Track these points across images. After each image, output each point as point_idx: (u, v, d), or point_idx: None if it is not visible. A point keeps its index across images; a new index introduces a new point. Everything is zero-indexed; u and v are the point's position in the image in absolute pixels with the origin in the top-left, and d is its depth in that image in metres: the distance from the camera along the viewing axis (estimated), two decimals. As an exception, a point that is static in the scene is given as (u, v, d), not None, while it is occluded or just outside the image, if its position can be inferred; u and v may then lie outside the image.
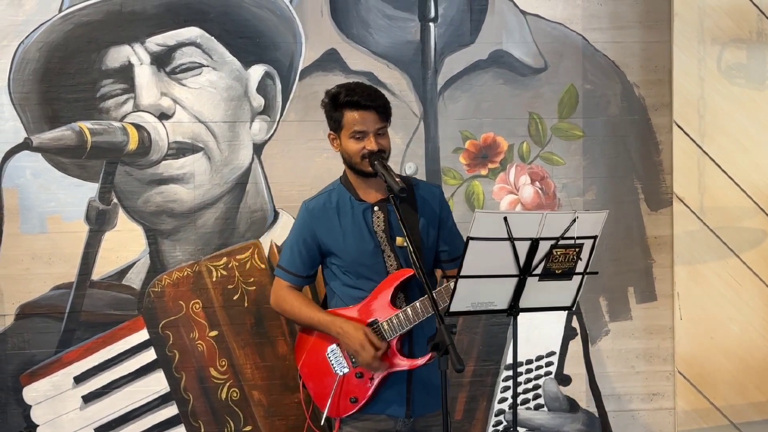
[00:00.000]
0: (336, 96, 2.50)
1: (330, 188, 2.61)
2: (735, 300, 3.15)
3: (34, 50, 2.90)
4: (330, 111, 2.51)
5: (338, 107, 2.48)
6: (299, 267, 2.60)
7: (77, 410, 2.98)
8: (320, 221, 2.55)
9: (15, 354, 2.95)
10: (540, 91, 3.28)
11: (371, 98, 2.47)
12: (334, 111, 2.50)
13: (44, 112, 2.96)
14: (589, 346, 3.32)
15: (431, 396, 2.56)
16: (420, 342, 2.55)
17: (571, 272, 2.40)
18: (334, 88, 2.56)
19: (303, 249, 2.58)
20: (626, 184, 3.34)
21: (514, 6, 3.22)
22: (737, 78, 3.13)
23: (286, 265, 2.62)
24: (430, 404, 2.58)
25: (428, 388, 2.60)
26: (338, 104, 2.48)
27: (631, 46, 3.32)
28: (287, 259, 2.62)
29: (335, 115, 2.50)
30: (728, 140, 3.15)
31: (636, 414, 3.34)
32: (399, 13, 3.16)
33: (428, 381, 2.58)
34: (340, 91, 2.50)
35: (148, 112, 3.02)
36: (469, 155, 3.23)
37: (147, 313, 3.01)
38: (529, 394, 3.30)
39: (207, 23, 3.02)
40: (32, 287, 2.96)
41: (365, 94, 2.49)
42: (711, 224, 3.13)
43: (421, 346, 2.53)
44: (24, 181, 2.94)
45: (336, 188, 2.59)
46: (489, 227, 2.27)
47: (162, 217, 3.03)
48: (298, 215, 2.63)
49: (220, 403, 3.05)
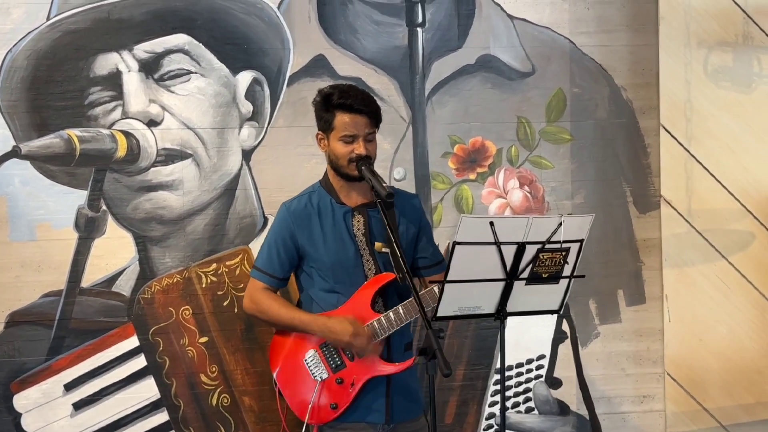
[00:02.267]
0: (329, 96, 2.46)
1: (310, 190, 2.59)
2: (723, 302, 3.14)
3: (22, 58, 2.88)
4: (321, 111, 2.48)
5: (330, 108, 2.44)
6: (276, 268, 2.56)
7: (68, 417, 2.94)
8: (300, 223, 2.55)
9: (5, 362, 2.92)
10: (528, 95, 3.24)
11: (364, 103, 2.45)
12: (326, 111, 2.45)
13: (32, 119, 2.92)
14: (579, 349, 3.28)
15: (411, 402, 2.58)
16: (398, 347, 2.55)
17: (558, 276, 2.38)
18: (327, 87, 2.54)
19: (282, 250, 2.55)
20: (614, 187, 3.32)
21: (501, 11, 3.19)
22: (723, 81, 3.12)
23: (263, 266, 2.58)
24: (409, 410, 2.58)
25: (407, 393, 2.59)
26: (330, 105, 2.44)
27: (618, 49, 3.29)
28: (264, 259, 2.59)
29: (326, 116, 2.46)
30: (715, 143, 3.15)
31: (626, 416, 3.33)
32: (386, 19, 3.13)
33: (407, 386, 2.58)
34: (333, 92, 2.47)
35: (137, 119, 2.95)
36: (458, 159, 3.19)
37: (137, 320, 2.97)
38: (519, 398, 3.26)
39: (195, 30, 2.98)
40: (22, 295, 2.92)
41: (359, 98, 2.47)
42: (699, 227, 3.11)
43: (399, 352, 2.54)
44: (13, 189, 2.91)
45: (316, 190, 2.57)
46: (475, 232, 2.25)
47: (151, 223, 2.98)
48: (277, 216, 2.61)
49: (211, 409, 3.02)
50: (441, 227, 3.20)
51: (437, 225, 3.23)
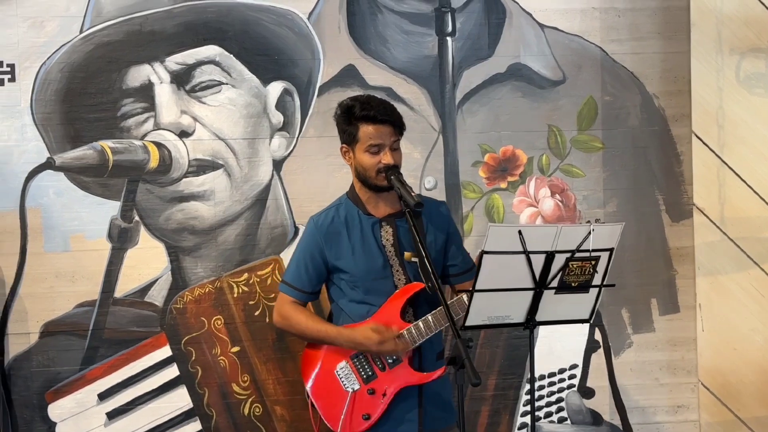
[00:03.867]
0: (350, 109, 2.44)
1: (337, 203, 2.59)
2: (758, 311, 3.09)
3: (56, 71, 2.89)
4: (343, 124, 2.47)
5: (353, 120, 2.43)
6: (305, 283, 2.56)
7: (102, 427, 2.94)
8: (328, 237, 2.54)
9: (40, 372, 2.93)
10: (559, 104, 3.20)
11: (387, 112, 2.44)
12: (348, 124, 2.44)
13: (66, 131, 2.93)
14: (612, 358, 3.25)
15: (443, 411, 2.55)
16: (429, 357, 2.52)
17: (587, 285, 2.33)
18: (346, 100, 2.52)
19: (310, 264, 2.55)
20: (647, 196, 3.28)
21: (531, 19, 3.17)
22: (756, 88, 3.07)
23: (291, 281, 2.57)
24: (443, 420, 2.54)
25: (440, 403, 2.56)
26: (353, 117, 2.43)
27: (650, 57, 3.25)
28: (292, 274, 2.58)
29: (349, 129, 2.45)
30: (748, 150, 3.10)
31: (660, 427, 3.29)
32: (416, 28, 3.11)
33: (439, 396, 2.55)
34: (354, 105, 2.45)
35: (169, 130, 2.97)
36: (489, 168, 3.17)
37: (169, 330, 3.00)
38: (552, 407, 3.24)
39: (226, 41, 2.99)
40: (56, 305, 2.93)
41: (381, 108, 2.45)
42: (732, 235, 3.07)
43: (430, 361, 2.51)
44: (47, 200, 2.92)
45: (343, 203, 2.57)
46: (503, 241, 2.22)
47: (183, 234, 3.00)
48: (305, 231, 2.59)
49: (243, 418, 3.02)
50: (472, 236, 3.18)
51: (468, 234, 3.21)
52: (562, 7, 3.23)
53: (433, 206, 2.57)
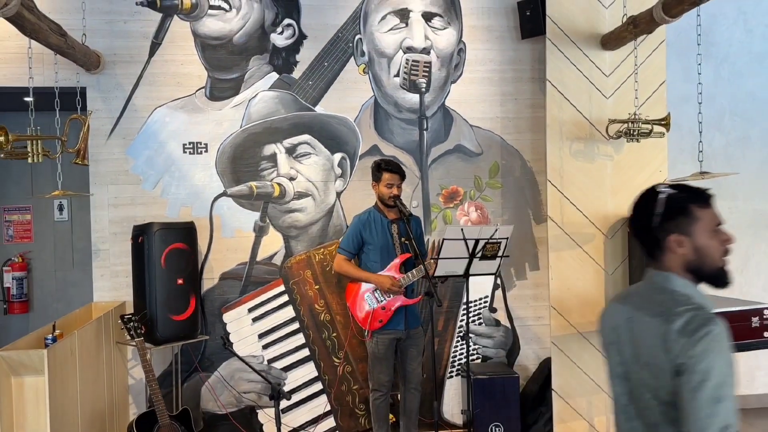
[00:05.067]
0: (379, 164, 3.33)
1: (369, 210, 3.39)
2: (579, 269, 3.74)
3: (228, 147, 3.88)
4: (375, 171, 3.34)
5: (380, 170, 3.30)
6: (352, 248, 3.36)
7: (249, 326, 3.88)
8: (364, 226, 3.34)
9: (219, 297, 3.88)
10: (479, 165, 4.08)
11: (397, 168, 3.31)
12: (377, 171, 3.31)
13: (233, 177, 3.88)
14: (506, 292, 4.09)
15: (415, 319, 3.38)
16: (411, 292, 3.35)
17: (495, 256, 3.10)
18: (378, 159, 3.40)
19: (354, 239, 3.34)
20: (523, 211, 4.13)
21: (466, 122, 4.08)
22: (579, 157, 3.74)
23: (345, 246, 3.37)
24: (414, 322, 3.37)
25: (414, 315, 3.37)
26: (380, 169, 3.30)
27: (526, 141, 4.16)
28: (346, 243, 3.36)
29: (378, 174, 3.30)
30: (575, 188, 3.71)
31: (529, 327, 4.15)
32: (409, 126, 4.02)
33: (414, 311, 3.36)
34: (381, 162, 3.33)
35: (284, 177, 3.90)
36: (444, 197, 4.06)
37: (284, 277, 3.89)
38: (475, 317, 4.05)
39: (313, 132, 3.92)
40: (227, 264, 3.89)
41: (395, 165, 3.33)
42: (566, 231, 3.73)
43: (411, 294, 3.36)
44: (223, 211, 3.90)
45: (372, 211, 3.38)
46: (454, 234, 3.02)
47: (291, 229, 3.92)
48: (353, 221, 3.40)
49: (320, 321, 3.91)
50: (436, 232, 4.04)
51: (433, 230, 4.02)
52: (481, 116, 4.08)
53: (415, 218, 3.47)
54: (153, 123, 3.86)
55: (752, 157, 4.54)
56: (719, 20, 4.39)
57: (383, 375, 3.35)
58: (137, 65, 3.87)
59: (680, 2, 2.95)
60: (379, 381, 3.36)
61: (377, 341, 3.33)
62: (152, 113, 3.86)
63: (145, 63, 3.87)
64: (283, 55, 3.93)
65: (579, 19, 3.78)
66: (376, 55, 3.99)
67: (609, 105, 3.76)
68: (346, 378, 3.91)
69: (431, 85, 4.02)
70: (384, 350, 3.32)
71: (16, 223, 4.75)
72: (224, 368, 3.84)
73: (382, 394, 3.37)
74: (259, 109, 3.87)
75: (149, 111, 3.86)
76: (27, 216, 4.76)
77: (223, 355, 3.81)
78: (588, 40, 3.76)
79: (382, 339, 3.32)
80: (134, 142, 3.84)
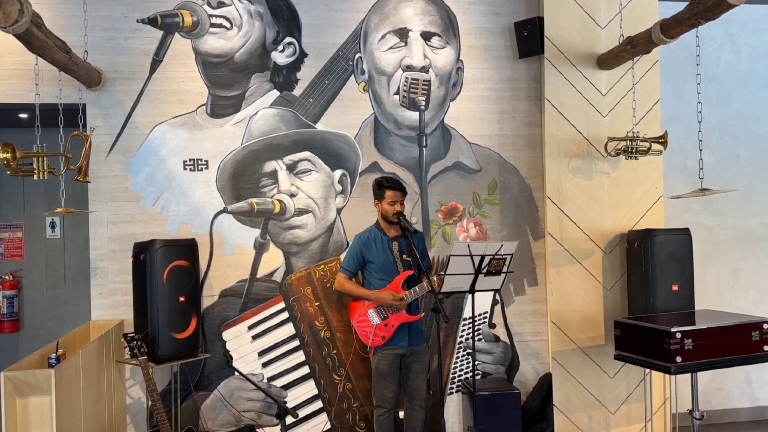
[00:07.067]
0: (380, 182, 3.33)
1: (370, 228, 3.39)
2: (578, 284, 3.84)
3: (228, 164, 3.85)
4: (376, 189, 3.33)
5: (382, 188, 3.30)
6: (353, 267, 3.37)
7: (249, 344, 3.84)
8: (365, 245, 3.35)
9: (218, 315, 3.83)
10: (478, 182, 4.06)
11: (399, 185, 3.33)
12: (379, 189, 3.32)
13: (233, 194, 3.86)
14: (504, 308, 4.06)
15: (419, 335, 3.37)
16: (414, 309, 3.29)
17: (499, 272, 3.03)
18: (379, 177, 3.39)
19: (355, 258, 3.36)
20: (521, 227, 4.12)
21: (464, 139, 4.09)
22: (577, 174, 3.85)
23: (346, 266, 3.38)
24: (418, 339, 3.36)
25: (418, 331, 3.36)
26: (382, 186, 3.30)
27: (524, 158, 4.14)
28: (347, 262, 3.38)
29: (380, 191, 3.30)
30: (573, 205, 3.83)
31: (529, 343, 4.10)
32: (408, 143, 4.02)
33: (418, 328, 3.35)
34: (383, 180, 3.33)
35: (284, 193, 3.88)
36: (444, 213, 4.04)
37: (284, 294, 3.86)
38: (476, 332, 3.98)
39: (313, 149, 3.90)
40: (227, 281, 3.85)
41: (396, 182, 3.33)
42: (566, 246, 3.83)
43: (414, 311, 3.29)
44: (223, 228, 3.86)
45: (373, 229, 3.38)
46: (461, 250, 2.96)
47: (291, 246, 3.90)
48: (353, 241, 3.40)
49: (321, 338, 3.87)
50: (435, 247, 4.03)
51: (433, 246, 4.00)
52: (479, 133, 4.08)
53: (418, 234, 3.43)
54: (153, 140, 3.84)
55: (741, 175, 4.63)
56: (707, 41, 4.48)
57: (387, 391, 3.35)
58: (138, 82, 3.86)
59: (679, 24, 3.04)
60: (383, 397, 3.36)
61: (380, 357, 3.33)
62: (152, 130, 3.84)
63: (146, 80, 3.86)
64: (284, 72, 3.93)
65: (576, 39, 3.88)
66: (376, 73, 4.01)
67: (605, 123, 3.84)
68: (347, 395, 3.89)
69: (430, 102, 4.03)
70: (387, 366, 3.32)
71: (6, 241, 4.69)
72: (223, 386, 3.80)
73: (386, 410, 3.37)
74: (260, 126, 3.87)
75: (149, 128, 3.85)
76: (18, 233, 4.71)
77: (222, 373, 3.77)
78: (584, 60, 3.85)
79: (386, 355, 3.33)
80: (134, 159, 3.83)
